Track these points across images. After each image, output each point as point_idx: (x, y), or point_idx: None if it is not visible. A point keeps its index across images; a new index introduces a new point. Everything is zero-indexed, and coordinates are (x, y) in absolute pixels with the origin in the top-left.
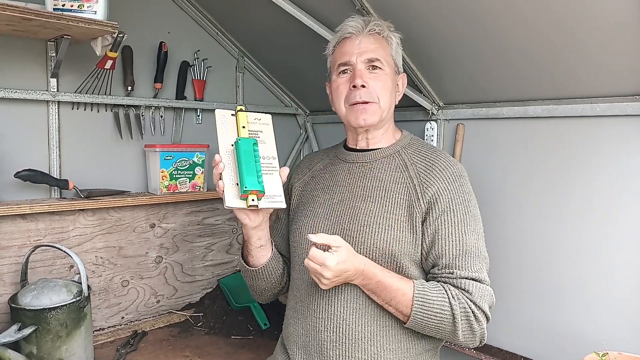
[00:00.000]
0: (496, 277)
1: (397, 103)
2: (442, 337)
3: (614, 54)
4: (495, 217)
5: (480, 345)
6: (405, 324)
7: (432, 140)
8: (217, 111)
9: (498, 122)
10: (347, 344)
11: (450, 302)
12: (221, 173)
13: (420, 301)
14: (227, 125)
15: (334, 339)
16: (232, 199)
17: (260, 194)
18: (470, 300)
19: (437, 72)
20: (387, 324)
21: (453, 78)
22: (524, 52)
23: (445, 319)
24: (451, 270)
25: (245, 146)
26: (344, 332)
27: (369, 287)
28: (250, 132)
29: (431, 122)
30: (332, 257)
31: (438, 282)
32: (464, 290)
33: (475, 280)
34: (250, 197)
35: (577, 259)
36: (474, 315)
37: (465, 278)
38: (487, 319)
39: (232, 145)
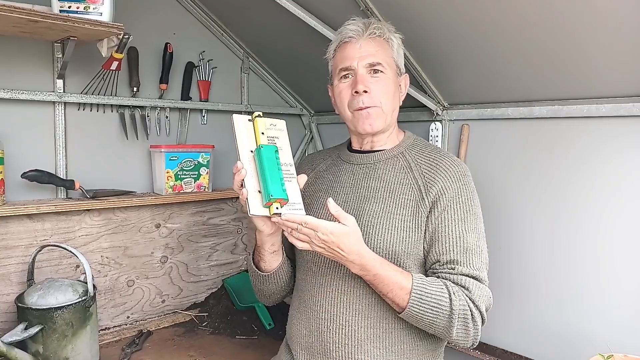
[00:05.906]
0: (499, 278)
1: (400, 104)
2: (435, 333)
3: (620, 55)
4: (500, 218)
5: (473, 347)
6: (400, 314)
7: (437, 141)
8: (234, 116)
9: (503, 122)
10: (350, 346)
11: (450, 298)
12: (243, 180)
13: (418, 295)
14: (245, 131)
15: (337, 341)
16: (256, 207)
17: (285, 202)
18: (470, 299)
19: (442, 72)
20: (391, 325)
21: (458, 78)
22: (528, 53)
23: (442, 314)
24: (452, 266)
25: (268, 153)
26: (347, 334)
27: (366, 278)
28: (269, 138)
29: (436, 122)
30: (329, 225)
31: (438, 277)
32: (463, 287)
33: (476, 279)
34: (275, 205)
35: (582, 259)
36: (472, 315)
37: (466, 275)
38: (483, 320)
39: (252, 151)
